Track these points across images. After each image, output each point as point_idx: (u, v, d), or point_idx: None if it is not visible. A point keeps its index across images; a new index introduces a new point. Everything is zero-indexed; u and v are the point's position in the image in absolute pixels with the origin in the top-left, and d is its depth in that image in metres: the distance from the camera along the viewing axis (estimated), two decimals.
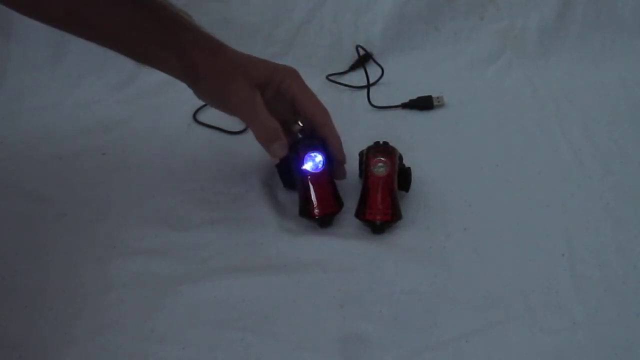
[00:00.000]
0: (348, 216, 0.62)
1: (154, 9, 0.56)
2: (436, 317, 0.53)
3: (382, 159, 0.60)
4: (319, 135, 0.62)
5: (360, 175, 0.65)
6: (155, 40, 0.57)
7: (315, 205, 0.60)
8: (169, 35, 0.57)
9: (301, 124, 0.63)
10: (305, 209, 0.60)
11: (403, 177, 0.63)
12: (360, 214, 0.60)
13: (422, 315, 0.53)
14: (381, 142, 0.63)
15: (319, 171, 0.60)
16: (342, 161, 0.63)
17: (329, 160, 0.61)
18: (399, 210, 0.60)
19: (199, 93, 0.60)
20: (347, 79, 0.84)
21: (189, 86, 0.60)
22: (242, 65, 0.59)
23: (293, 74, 0.61)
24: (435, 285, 0.56)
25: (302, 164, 0.60)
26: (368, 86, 0.80)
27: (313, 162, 0.60)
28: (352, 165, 0.66)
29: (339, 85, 0.82)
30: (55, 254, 0.60)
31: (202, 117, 0.79)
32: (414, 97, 0.79)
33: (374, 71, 0.83)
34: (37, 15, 0.56)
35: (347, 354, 0.50)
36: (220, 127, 0.76)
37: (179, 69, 0.59)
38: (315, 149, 0.60)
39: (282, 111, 0.61)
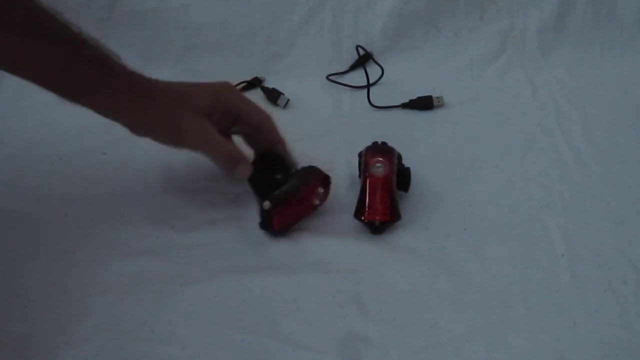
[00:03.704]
0: (348, 216, 0.62)
1: (80, 48, 0.54)
2: (436, 317, 0.53)
3: (381, 159, 0.60)
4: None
5: (360, 176, 0.65)
6: (85, 83, 0.55)
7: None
8: (101, 78, 0.56)
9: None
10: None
11: (402, 177, 0.63)
12: (359, 214, 0.60)
13: (422, 315, 0.53)
14: (380, 142, 0.63)
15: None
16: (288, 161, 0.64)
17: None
18: (398, 210, 0.60)
19: (144, 135, 0.59)
20: (347, 79, 0.84)
21: (129, 129, 0.59)
22: (184, 100, 0.59)
23: (231, 89, 0.62)
24: (435, 285, 0.56)
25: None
26: (368, 86, 0.80)
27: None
28: (351, 165, 0.66)
29: (339, 85, 0.82)
30: (55, 254, 0.60)
31: None
32: (414, 97, 0.79)
33: (374, 71, 0.83)
34: None
35: (347, 354, 0.50)
36: None
37: (112, 114, 0.58)
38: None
39: (226, 124, 0.62)
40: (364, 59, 0.85)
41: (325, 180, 0.62)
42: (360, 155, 0.64)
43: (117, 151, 0.73)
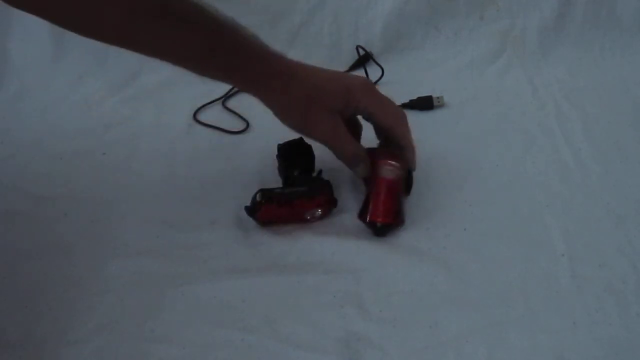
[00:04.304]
0: (348, 216, 0.62)
1: (220, 33, 0.55)
2: (436, 317, 0.53)
3: (393, 162, 0.60)
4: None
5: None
6: (220, 67, 0.57)
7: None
8: (240, 60, 0.56)
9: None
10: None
11: (405, 180, 0.62)
12: (363, 215, 0.60)
13: (422, 315, 0.53)
14: (392, 145, 0.62)
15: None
16: (412, 169, 0.63)
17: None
18: (402, 214, 0.60)
19: (277, 115, 0.60)
20: None
21: (264, 104, 0.60)
22: (320, 93, 0.59)
23: (367, 89, 0.61)
24: (435, 286, 0.56)
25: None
26: None
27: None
28: None
29: None
30: (55, 254, 0.60)
31: (202, 116, 0.79)
32: (414, 97, 0.79)
33: (374, 71, 0.83)
34: (96, 36, 0.55)
35: (347, 354, 0.50)
36: (220, 127, 0.77)
37: (248, 91, 0.60)
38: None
39: (356, 124, 0.63)
40: (364, 59, 0.85)
41: (329, 203, 0.62)
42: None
43: (117, 151, 0.73)
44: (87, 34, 0.55)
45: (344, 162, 0.62)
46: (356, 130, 0.64)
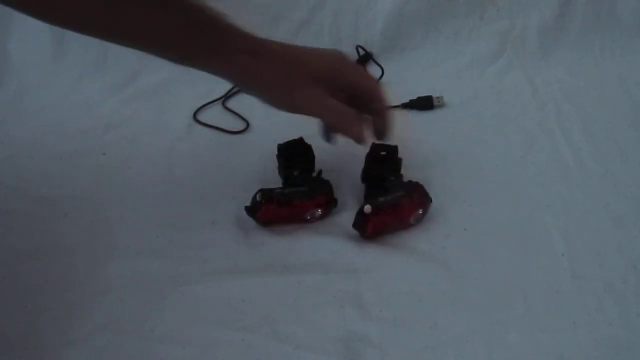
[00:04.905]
0: (348, 216, 0.62)
1: (190, 12, 0.55)
2: (436, 317, 0.53)
3: (424, 211, 0.60)
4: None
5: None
6: (194, 45, 0.55)
7: None
8: (209, 38, 0.55)
9: None
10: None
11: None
12: (373, 217, 0.58)
13: (422, 315, 0.53)
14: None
15: None
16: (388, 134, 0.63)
17: None
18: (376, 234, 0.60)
19: (257, 94, 0.59)
20: None
21: (240, 87, 0.58)
22: (298, 63, 0.58)
23: (342, 58, 0.61)
24: (435, 285, 0.56)
25: None
26: None
27: None
28: (352, 165, 0.66)
29: None
30: (55, 254, 0.60)
31: (202, 116, 0.79)
32: (414, 97, 0.79)
33: (374, 71, 0.83)
34: (69, 26, 0.55)
35: (347, 354, 0.50)
36: (220, 127, 0.77)
37: (226, 74, 0.58)
38: None
39: (332, 88, 0.60)
40: (364, 59, 0.85)
41: (329, 203, 0.62)
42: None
43: (117, 151, 0.73)
44: (67, 25, 0.54)
45: (335, 128, 0.60)
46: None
